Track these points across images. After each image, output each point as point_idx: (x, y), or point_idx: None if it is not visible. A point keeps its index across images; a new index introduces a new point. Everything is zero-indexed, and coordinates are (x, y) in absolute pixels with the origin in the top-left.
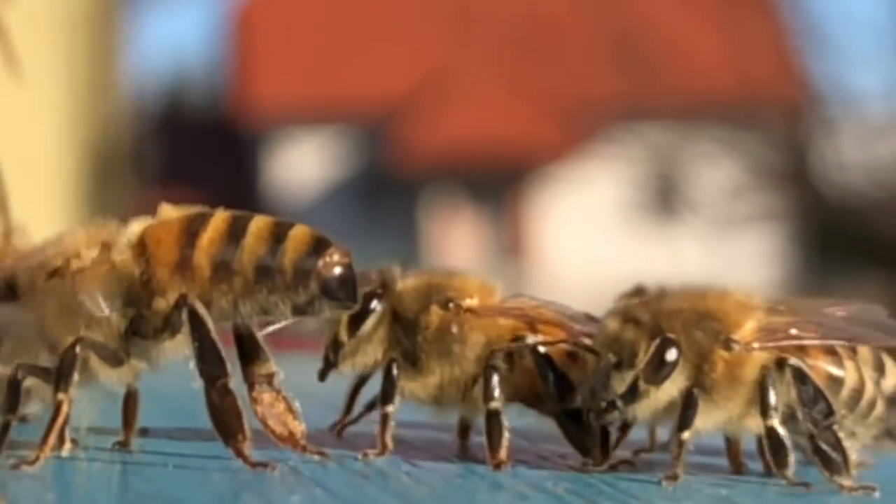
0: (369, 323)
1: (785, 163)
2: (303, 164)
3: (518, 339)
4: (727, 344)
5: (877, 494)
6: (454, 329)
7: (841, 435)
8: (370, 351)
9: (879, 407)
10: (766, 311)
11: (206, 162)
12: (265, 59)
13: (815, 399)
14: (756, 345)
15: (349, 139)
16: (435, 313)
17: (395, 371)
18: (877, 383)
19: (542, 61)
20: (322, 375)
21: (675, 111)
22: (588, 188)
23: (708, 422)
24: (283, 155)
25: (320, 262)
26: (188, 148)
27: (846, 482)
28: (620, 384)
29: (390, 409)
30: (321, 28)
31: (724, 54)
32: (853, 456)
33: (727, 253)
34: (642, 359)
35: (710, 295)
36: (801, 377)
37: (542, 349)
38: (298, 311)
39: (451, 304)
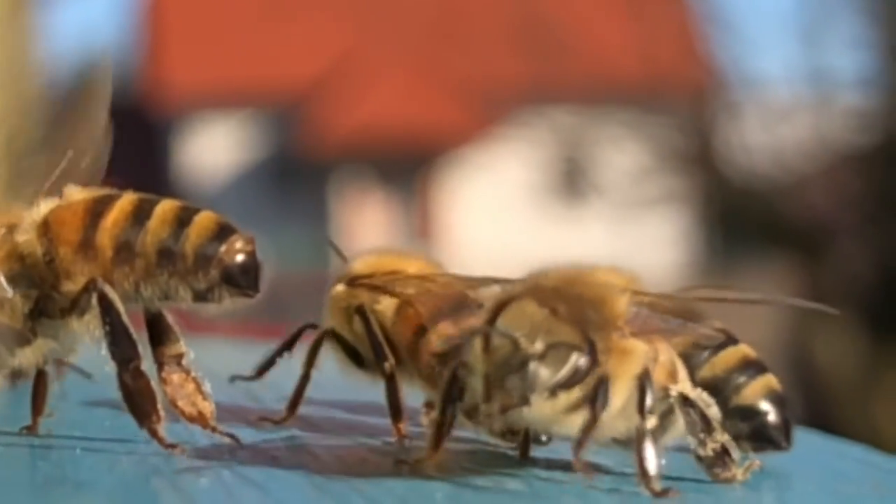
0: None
1: (690, 146)
2: (214, 149)
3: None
4: (621, 332)
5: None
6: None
7: (720, 435)
8: None
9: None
10: (628, 294)
11: (117, 146)
12: (176, 43)
13: (696, 407)
14: (635, 331)
15: (260, 123)
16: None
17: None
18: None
19: (450, 45)
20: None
21: (582, 95)
22: (496, 171)
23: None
24: (195, 139)
25: (222, 249)
26: None
27: (736, 475)
28: (544, 380)
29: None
30: (232, 12)
31: (630, 38)
32: (734, 451)
33: (633, 235)
34: (575, 358)
35: (589, 277)
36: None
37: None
38: (199, 297)
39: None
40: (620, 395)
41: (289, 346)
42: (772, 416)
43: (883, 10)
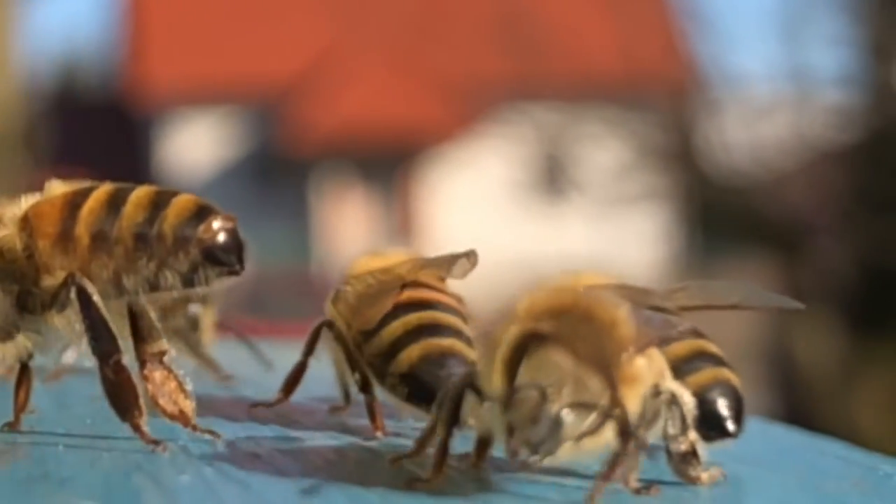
0: None
1: (671, 143)
2: (195, 145)
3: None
4: (629, 354)
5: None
6: None
7: (693, 434)
8: None
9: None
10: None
11: (99, 143)
12: (158, 39)
13: (678, 414)
14: (639, 349)
15: (241, 120)
16: None
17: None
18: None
19: (431, 42)
20: None
21: (563, 92)
22: (477, 168)
23: (606, 442)
24: (176, 136)
25: (201, 228)
26: (81, 129)
27: (700, 476)
28: (571, 432)
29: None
30: (213, 9)
31: (610, 35)
32: (702, 453)
33: (614, 232)
34: (602, 408)
35: (593, 298)
36: (674, 400)
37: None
38: (185, 281)
39: None
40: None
41: (311, 350)
42: (716, 404)
43: (862, 8)
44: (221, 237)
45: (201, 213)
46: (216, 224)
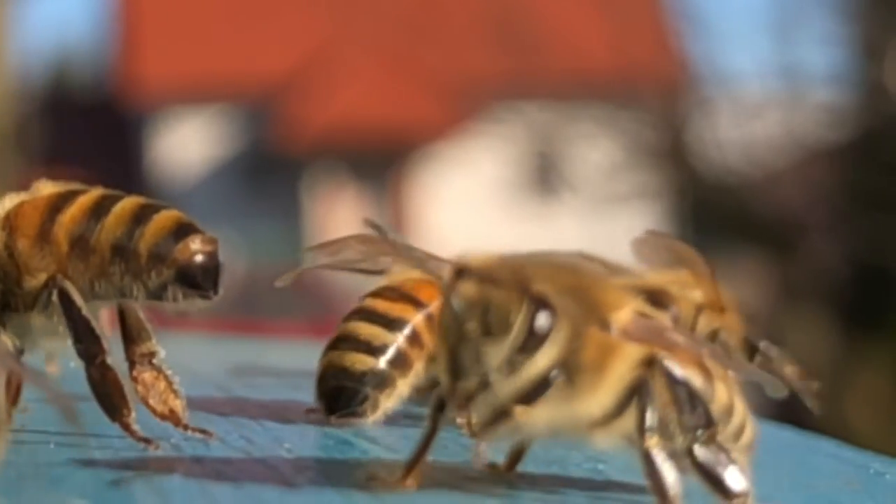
0: None
1: (662, 141)
2: (187, 144)
3: None
4: (603, 323)
5: None
6: None
7: (724, 444)
8: None
9: (749, 434)
10: (641, 302)
11: (91, 142)
12: (150, 38)
13: (691, 404)
14: (630, 333)
15: (233, 118)
16: None
17: None
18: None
19: (424, 41)
20: None
21: (555, 90)
22: (470, 167)
23: (563, 415)
24: (168, 134)
25: (177, 248)
26: (73, 128)
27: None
28: (493, 356)
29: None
30: (206, 7)
31: (603, 34)
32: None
33: (606, 231)
34: (517, 321)
35: (585, 269)
36: (672, 378)
37: None
38: (152, 295)
39: None
40: (604, 392)
41: None
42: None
43: (854, 6)
44: (197, 259)
45: (179, 233)
46: (193, 246)
